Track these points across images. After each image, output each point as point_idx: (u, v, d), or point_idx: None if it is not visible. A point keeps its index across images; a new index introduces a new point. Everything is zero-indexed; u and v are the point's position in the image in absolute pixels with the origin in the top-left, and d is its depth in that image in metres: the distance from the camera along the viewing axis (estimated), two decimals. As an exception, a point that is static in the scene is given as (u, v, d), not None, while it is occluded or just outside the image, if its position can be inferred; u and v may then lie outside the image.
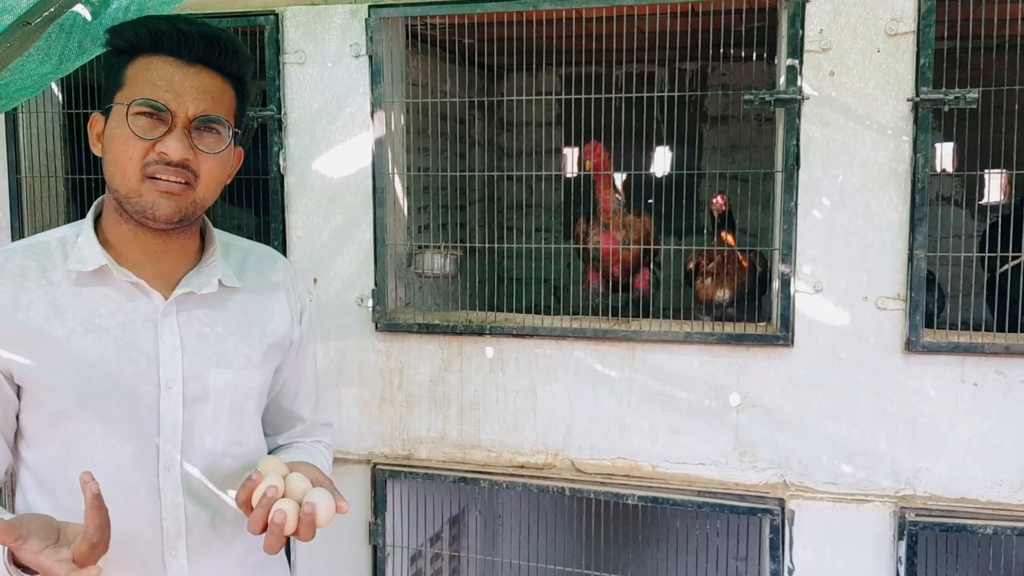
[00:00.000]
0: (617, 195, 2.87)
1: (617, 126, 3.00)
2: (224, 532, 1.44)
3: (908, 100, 2.35)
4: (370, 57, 2.67)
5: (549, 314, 2.88)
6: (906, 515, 2.40)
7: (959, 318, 3.06)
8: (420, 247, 2.92)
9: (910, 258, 2.37)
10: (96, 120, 1.37)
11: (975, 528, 2.36)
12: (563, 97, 3.61)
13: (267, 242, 2.78)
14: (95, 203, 1.44)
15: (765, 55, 3.86)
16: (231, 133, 1.36)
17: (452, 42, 3.36)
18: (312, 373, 1.65)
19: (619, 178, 3.21)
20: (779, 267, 2.44)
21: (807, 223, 2.44)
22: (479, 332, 2.70)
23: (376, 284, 2.75)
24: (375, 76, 2.67)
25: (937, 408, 2.41)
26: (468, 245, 3.44)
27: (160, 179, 1.30)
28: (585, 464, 2.67)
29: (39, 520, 1.21)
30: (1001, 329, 2.52)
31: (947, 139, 3.66)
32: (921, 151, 2.34)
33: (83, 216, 1.44)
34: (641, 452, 2.62)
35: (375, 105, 2.68)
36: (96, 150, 1.37)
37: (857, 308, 2.44)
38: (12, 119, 2.96)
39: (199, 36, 1.30)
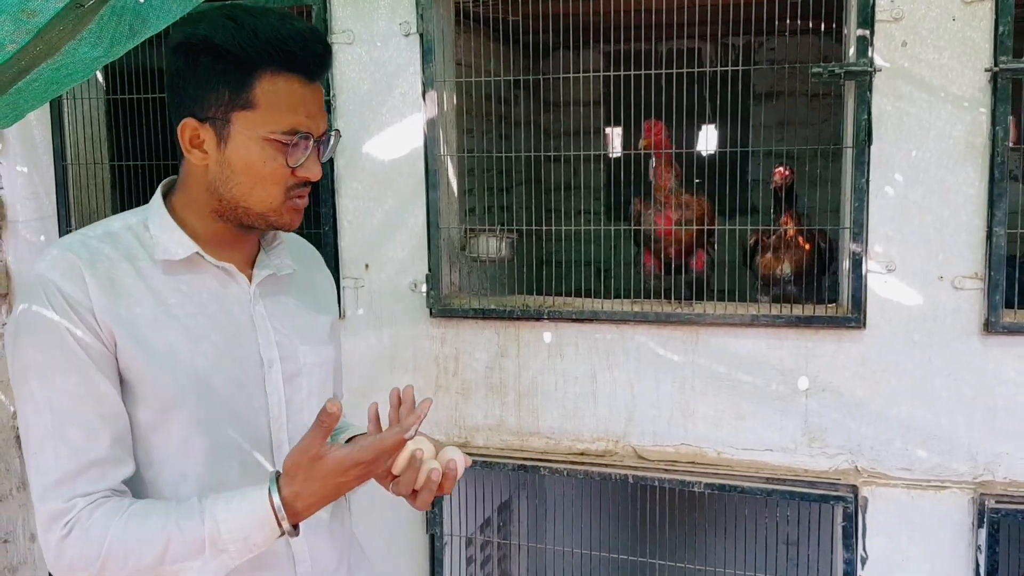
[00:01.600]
0: (675, 174, 2.78)
1: (660, 104, 2.92)
2: (326, 507, 1.43)
3: (986, 71, 2.25)
4: (421, 35, 2.60)
5: (593, 296, 2.81)
6: (986, 502, 2.32)
7: None
8: (474, 230, 2.86)
9: (989, 235, 2.28)
10: (189, 126, 1.28)
11: (1058, 514, 2.28)
12: (609, 74, 3.50)
13: (317, 228, 2.73)
14: (160, 187, 1.39)
15: (811, 28, 3.76)
16: None
17: (497, 19, 3.28)
18: (340, 352, 1.67)
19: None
20: (850, 246, 2.36)
21: (879, 200, 2.35)
22: (537, 317, 2.64)
23: (430, 269, 2.69)
24: (426, 55, 2.60)
25: (1018, 391, 2.33)
26: (515, 228, 3.37)
27: (299, 200, 1.33)
28: (647, 451, 2.61)
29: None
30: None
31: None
32: (1000, 124, 2.24)
33: (130, 202, 1.37)
34: (705, 438, 2.56)
35: (426, 85, 2.61)
36: (192, 157, 1.31)
37: (932, 288, 2.35)
38: (57, 106, 2.92)
39: (325, 54, 1.29)
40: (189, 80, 1.27)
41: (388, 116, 2.68)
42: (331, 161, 2.72)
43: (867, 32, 2.30)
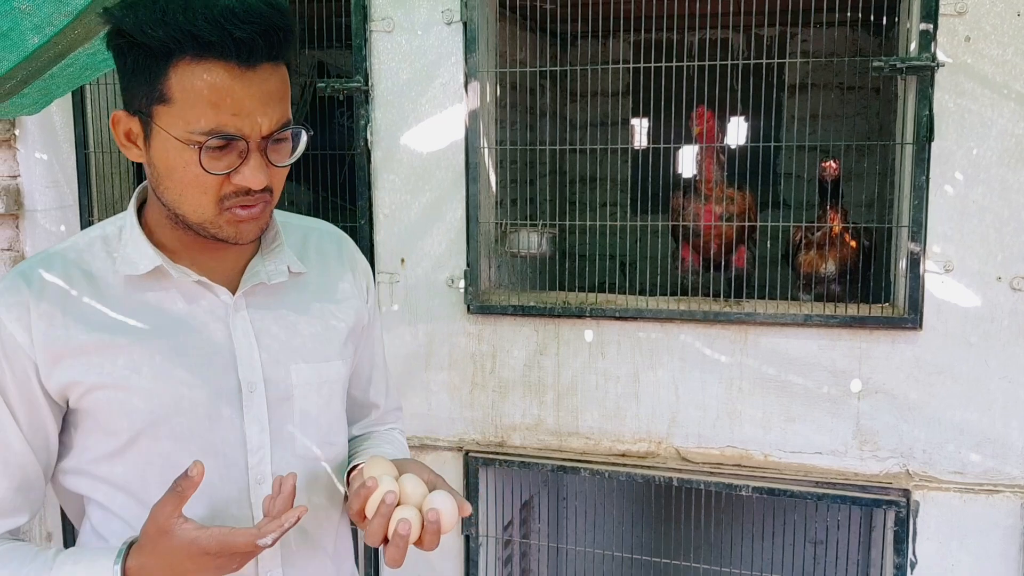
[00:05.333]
0: (721, 165, 2.72)
1: (690, 95, 2.86)
2: (320, 543, 1.30)
3: (1053, 67, 2.20)
4: (464, 24, 2.52)
5: (615, 292, 2.75)
6: (1041, 507, 2.28)
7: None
8: (515, 225, 2.78)
9: (1051, 236, 2.23)
10: (121, 119, 1.12)
11: (1116, 521, 2.24)
12: (639, 66, 3.44)
13: (352, 221, 2.65)
14: (136, 192, 1.22)
15: (847, 20, 3.70)
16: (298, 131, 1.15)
17: (531, 8, 3.20)
18: (382, 356, 1.48)
19: (689, 150, 3.06)
20: (908, 245, 2.30)
21: (938, 199, 2.30)
22: (578, 314, 2.57)
23: (468, 264, 2.62)
24: (469, 44, 2.52)
25: (1075, 394, 2.29)
26: (541, 222, 3.29)
27: (240, 210, 1.11)
28: (691, 452, 2.55)
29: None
30: None
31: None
32: (1066, 122, 2.19)
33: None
34: (752, 440, 2.50)
35: (469, 75, 2.54)
36: (130, 154, 1.14)
37: (990, 289, 2.30)
38: (80, 91, 2.82)
39: (259, 36, 1.03)
40: (118, 68, 1.10)
41: (427, 107, 2.60)
42: (368, 152, 2.64)
43: (930, 26, 2.23)
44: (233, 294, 1.21)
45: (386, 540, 1.12)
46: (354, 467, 1.32)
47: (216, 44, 1.02)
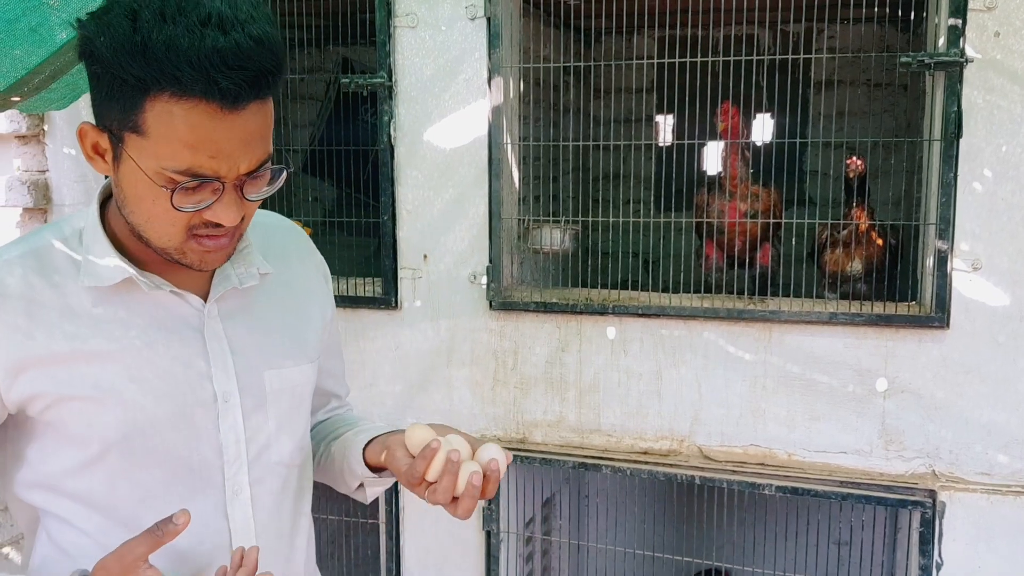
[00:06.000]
0: (746, 162, 2.70)
1: (715, 91, 2.84)
2: (293, 547, 1.29)
3: (1085, 62, 2.16)
4: (488, 19, 2.52)
5: (638, 289, 2.74)
6: (1070, 509, 2.25)
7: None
8: (537, 221, 2.78)
9: (1082, 234, 2.20)
10: (88, 132, 1.05)
11: None
12: (664, 61, 3.42)
13: (375, 217, 2.66)
14: (99, 190, 1.15)
15: (874, 16, 3.66)
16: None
17: (557, 3, 3.19)
18: (339, 346, 1.46)
19: (714, 146, 3.04)
20: (936, 243, 2.28)
21: (966, 196, 2.27)
22: (601, 312, 2.56)
23: (491, 260, 2.62)
24: (493, 40, 2.52)
25: (1106, 395, 2.25)
26: (567, 219, 3.29)
27: (208, 241, 1.07)
28: (714, 451, 2.53)
29: None
30: None
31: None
32: (1099, 118, 2.15)
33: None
34: (776, 439, 2.48)
35: (492, 71, 2.54)
36: (96, 166, 1.07)
37: (1019, 288, 2.27)
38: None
39: (245, 83, 0.96)
40: (89, 82, 1.03)
41: (451, 102, 2.60)
42: (391, 148, 2.64)
43: (959, 21, 2.21)
44: (204, 300, 1.17)
45: (452, 498, 1.12)
46: (369, 442, 1.29)
47: (200, 87, 0.96)
